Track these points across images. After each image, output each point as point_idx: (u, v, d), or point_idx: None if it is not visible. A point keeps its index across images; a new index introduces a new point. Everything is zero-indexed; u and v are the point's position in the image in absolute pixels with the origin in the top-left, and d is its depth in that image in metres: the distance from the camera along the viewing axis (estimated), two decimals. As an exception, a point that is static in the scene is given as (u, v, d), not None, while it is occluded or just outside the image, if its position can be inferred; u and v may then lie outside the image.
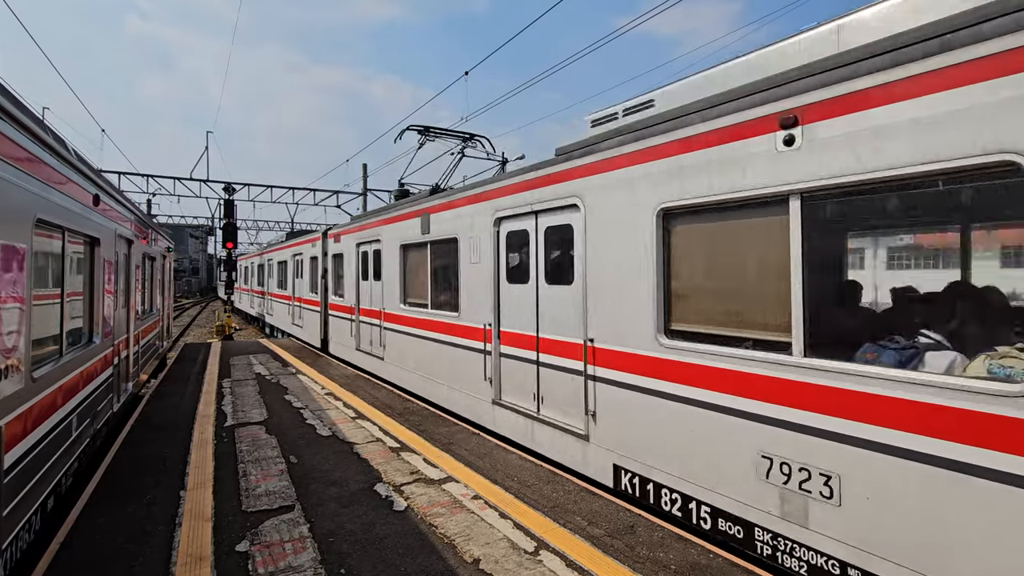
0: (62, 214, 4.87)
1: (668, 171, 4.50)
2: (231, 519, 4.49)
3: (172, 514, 4.60)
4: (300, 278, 17.28)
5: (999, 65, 2.69)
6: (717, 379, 4.07)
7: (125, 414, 8.18)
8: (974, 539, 2.77)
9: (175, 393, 9.47)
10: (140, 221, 9.55)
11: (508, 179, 6.81)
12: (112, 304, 7.05)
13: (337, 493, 5.04)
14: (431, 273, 8.81)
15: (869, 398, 3.19)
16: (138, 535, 4.24)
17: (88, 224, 5.78)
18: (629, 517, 4.56)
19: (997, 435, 2.70)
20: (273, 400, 8.86)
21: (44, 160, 4.43)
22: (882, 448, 3.12)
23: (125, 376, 8.20)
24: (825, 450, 3.39)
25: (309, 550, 3.98)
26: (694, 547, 4.05)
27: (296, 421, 7.56)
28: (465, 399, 7.72)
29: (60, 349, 5.02)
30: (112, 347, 7.08)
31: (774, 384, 3.69)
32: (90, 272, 6.14)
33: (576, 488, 5.19)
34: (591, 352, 5.31)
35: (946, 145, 2.87)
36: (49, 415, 4.53)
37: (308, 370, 11.86)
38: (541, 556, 3.92)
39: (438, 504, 4.81)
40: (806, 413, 3.49)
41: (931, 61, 2.94)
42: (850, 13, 3.77)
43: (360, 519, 4.50)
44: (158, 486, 5.22)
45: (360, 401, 8.82)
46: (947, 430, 2.88)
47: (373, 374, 11.14)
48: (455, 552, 3.97)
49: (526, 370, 6.44)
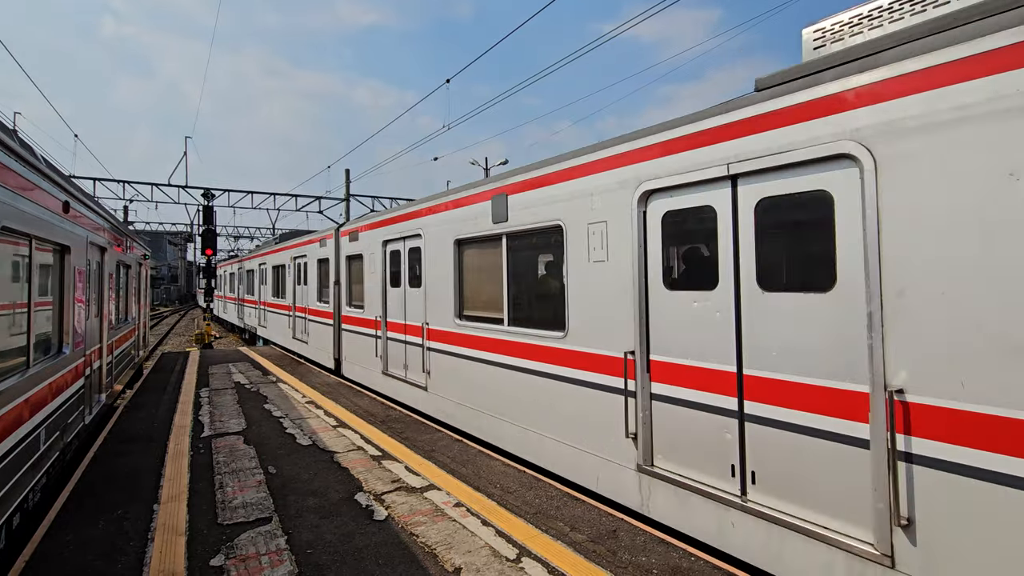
0: (29, 221, 4.73)
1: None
2: (206, 532, 4.38)
3: (144, 529, 4.47)
4: (303, 285, 14.78)
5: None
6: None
7: (98, 426, 7.96)
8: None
9: (151, 403, 9.25)
10: (114, 228, 9.34)
11: (671, 130, 4.46)
12: (83, 313, 6.86)
13: (316, 504, 4.95)
14: (510, 277, 6.57)
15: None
16: (108, 551, 4.11)
17: (57, 231, 5.63)
18: (611, 522, 4.55)
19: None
20: (252, 409, 8.70)
21: (9, 166, 4.30)
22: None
23: (98, 387, 7.98)
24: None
25: (286, 563, 3.90)
26: (675, 550, 4.06)
27: (276, 430, 7.43)
28: (583, 464, 5.30)
29: (27, 360, 4.87)
30: (84, 358, 6.89)
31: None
32: (60, 281, 5.98)
33: (559, 494, 5.17)
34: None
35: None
36: (15, 429, 4.38)
37: (289, 378, 11.68)
38: (523, 563, 3.89)
39: (420, 512, 4.75)
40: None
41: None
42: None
43: (339, 530, 4.43)
44: (130, 500, 5.08)
45: (342, 409, 8.70)
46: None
47: (411, 408, 8.75)
48: (436, 561, 3.92)
49: (714, 424, 4.11)
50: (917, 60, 3.02)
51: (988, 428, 2.75)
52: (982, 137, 2.78)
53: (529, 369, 6.03)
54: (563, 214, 5.55)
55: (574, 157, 5.46)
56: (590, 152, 5.25)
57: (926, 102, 2.98)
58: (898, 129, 3.09)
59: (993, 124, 2.74)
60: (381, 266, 9.81)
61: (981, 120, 2.78)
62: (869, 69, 3.23)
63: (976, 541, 2.77)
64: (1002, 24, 2.73)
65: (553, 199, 5.68)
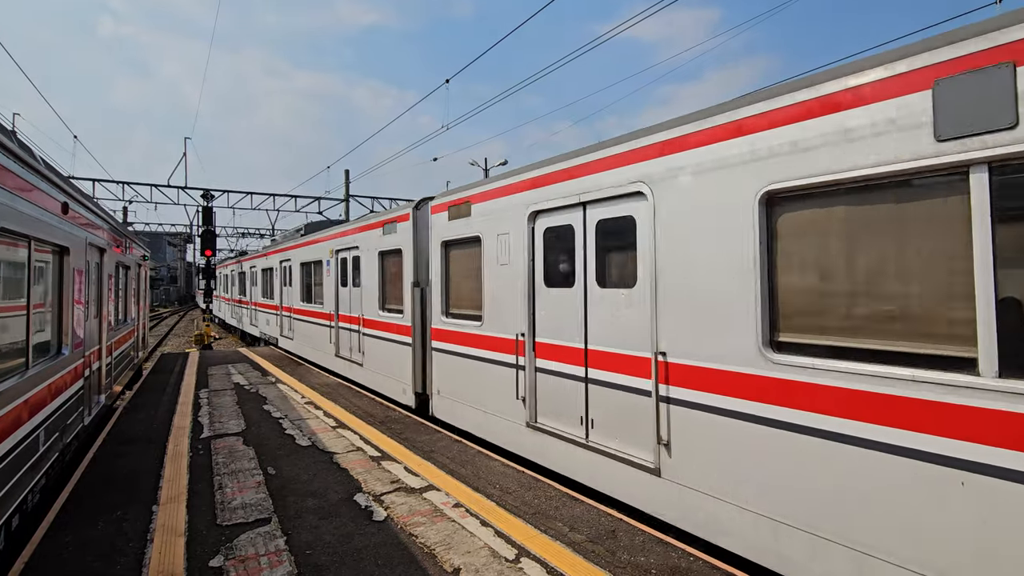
0: (28, 223, 4.73)
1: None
2: (205, 533, 4.38)
3: (144, 530, 4.48)
4: (352, 286, 11.30)
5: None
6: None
7: (97, 427, 7.96)
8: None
9: (150, 404, 9.25)
10: (114, 229, 9.34)
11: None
12: (82, 314, 6.87)
13: (315, 504, 4.95)
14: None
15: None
16: (107, 552, 4.11)
17: (56, 233, 5.64)
18: (610, 522, 4.56)
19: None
20: (251, 410, 8.70)
21: (8, 168, 4.31)
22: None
23: (97, 388, 7.99)
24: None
25: (285, 563, 3.90)
26: (674, 550, 4.06)
27: (275, 431, 7.43)
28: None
29: (26, 362, 4.87)
30: (83, 359, 6.89)
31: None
32: (59, 282, 5.98)
33: (558, 494, 5.17)
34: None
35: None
36: (14, 431, 4.39)
37: (288, 379, 11.68)
38: (522, 563, 3.89)
39: (419, 513, 4.75)
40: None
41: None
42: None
43: (338, 530, 4.43)
44: (130, 501, 5.08)
45: (341, 410, 8.70)
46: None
47: (642, 514, 4.91)
48: (435, 562, 3.92)
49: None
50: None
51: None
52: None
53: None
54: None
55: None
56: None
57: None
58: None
59: (697, 177, 4.26)
60: (525, 254, 6.20)
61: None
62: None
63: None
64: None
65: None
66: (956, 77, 2.92)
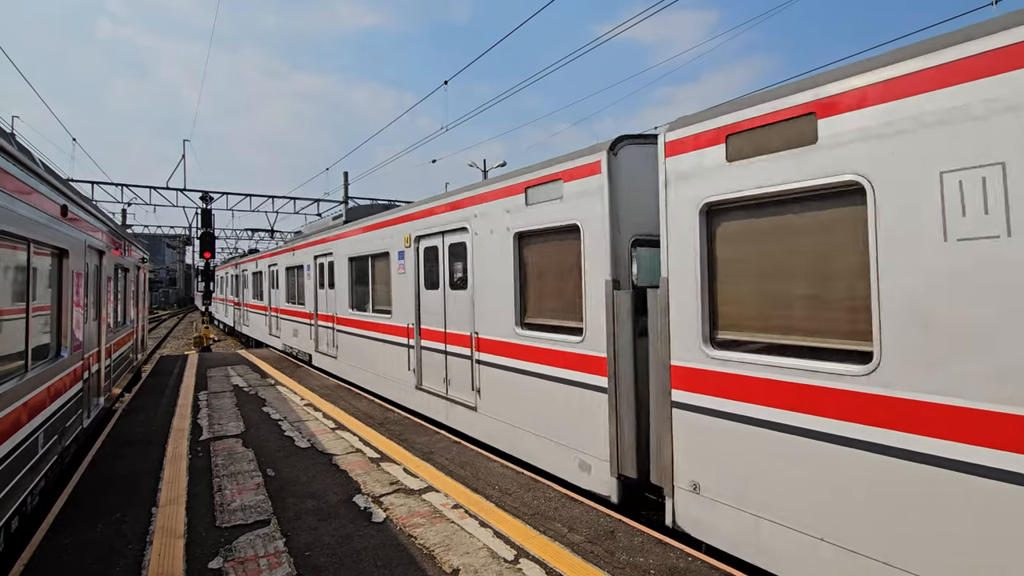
0: (27, 225, 4.74)
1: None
2: (204, 535, 4.39)
3: (143, 532, 4.48)
4: (428, 287, 8.32)
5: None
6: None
7: (96, 429, 7.95)
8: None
9: (149, 407, 9.25)
10: (112, 232, 9.35)
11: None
12: (82, 316, 6.87)
13: (314, 506, 4.96)
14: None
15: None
16: (107, 554, 4.11)
17: (56, 235, 5.64)
18: (609, 522, 4.57)
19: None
20: (251, 412, 8.70)
21: (7, 170, 4.32)
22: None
23: (96, 391, 7.98)
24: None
25: (284, 565, 3.91)
26: (673, 551, 4.07)
27: (274, 433, 7.44)
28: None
29: (25, 364, 4.88)
30: (82, 361, 6.89)
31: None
32: (58, 284, 5.98)
33: (557, 495, 5.18)
34: None
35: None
36: (13, 433, 4.39)
37: (287, 381, 11.69)
38: (521, 564, 3.90)
39: (418, 514, 4.76)
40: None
41: None
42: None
43: (337, 532, 4.44)
44: (129, 503, 5.08)
45: (340, 412, 8.71)
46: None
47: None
48: (434, 563, 3.93)
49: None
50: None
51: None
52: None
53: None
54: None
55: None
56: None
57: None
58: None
59: (489, 219, 6.79)
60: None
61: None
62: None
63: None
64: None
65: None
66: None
